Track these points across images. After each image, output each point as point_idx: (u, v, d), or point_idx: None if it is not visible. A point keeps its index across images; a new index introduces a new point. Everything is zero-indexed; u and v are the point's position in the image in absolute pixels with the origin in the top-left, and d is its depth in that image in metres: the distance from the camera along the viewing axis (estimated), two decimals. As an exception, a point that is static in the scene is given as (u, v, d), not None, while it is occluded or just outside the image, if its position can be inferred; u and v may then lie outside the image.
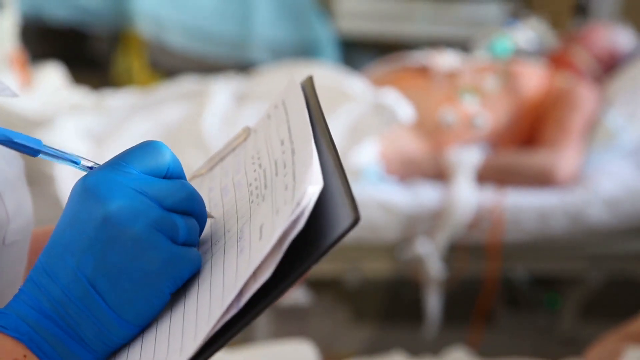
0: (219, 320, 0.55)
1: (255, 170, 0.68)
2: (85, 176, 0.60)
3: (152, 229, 0.58)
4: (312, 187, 0.56)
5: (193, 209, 0.62)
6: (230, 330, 0.56)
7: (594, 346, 1.44)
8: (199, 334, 0.56)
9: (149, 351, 0.59)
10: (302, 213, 0.55)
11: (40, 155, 0.63)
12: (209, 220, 0.68)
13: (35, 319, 0.58)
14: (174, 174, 0.63)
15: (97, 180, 0.59)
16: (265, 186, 0.64)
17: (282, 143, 0.66)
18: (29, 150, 0.63)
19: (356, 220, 0.54)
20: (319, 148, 0.61)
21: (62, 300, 0.58)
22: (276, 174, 0.63)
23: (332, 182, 0.58)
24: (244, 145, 0.74)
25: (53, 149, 0.64)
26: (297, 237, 0.56)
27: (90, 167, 0.64)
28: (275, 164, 0.65)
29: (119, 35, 3.58)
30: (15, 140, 0.62)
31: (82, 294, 0.58)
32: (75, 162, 0.64)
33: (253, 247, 0.59)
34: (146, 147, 0.62)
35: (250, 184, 0.67)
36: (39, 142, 0.63)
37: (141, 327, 0.60)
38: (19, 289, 0.60)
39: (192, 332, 0.57)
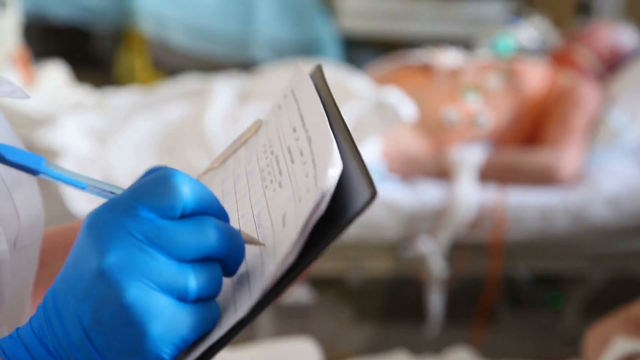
0: (246, 311, 0.55)
1: (267, 158, 0.68)
2: (92, 213, 0.54)
3: (150, 290, 0.53)
4: (333, 170, 0.56)
5: (214, 253, 0.55)
6: (250, 315, 0.55)
7: (595, 328, 1.44)
8: (225, 323, 0.55)
9: None
10: (323, 197, 0.54)
11: (41, 176, 0.57)
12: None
13: (40, 354, 0.56)
14: (195, 210, 0.55)
15: (101, 223, 0.54)
16: (280, 172, 0.64)
17: (295, 130, 0.66)
18: (28, 170, 0.57)
19: (373, 195, 0.54)
20: (334, 133, 0.61)
21: (63, 342, 0.55)
22: (292, 161, 0.63)
23: (348, 163, 0.58)
24: (255, 137, 0.75)
25: (57, 172, 0.58)
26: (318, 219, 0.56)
27: (102, 190, 0.59)
28: (289, 150, 0.65)
29: (121, 33, 3.58)
30: (9, 158, 0.56)
31: (79, 343, 0.54)
32: (81, 187, 0.59)
33: (277, 235, 0.58)
34: (160, 182, 0.54)
35: (262, 170, 0.67)
36: (40, 160, 0.57)
37: None
38: (35, 313, 0.57)
39: (218, 324, 0.56)
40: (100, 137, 2.32)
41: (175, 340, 0.54)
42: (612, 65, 2.69)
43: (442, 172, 2.36)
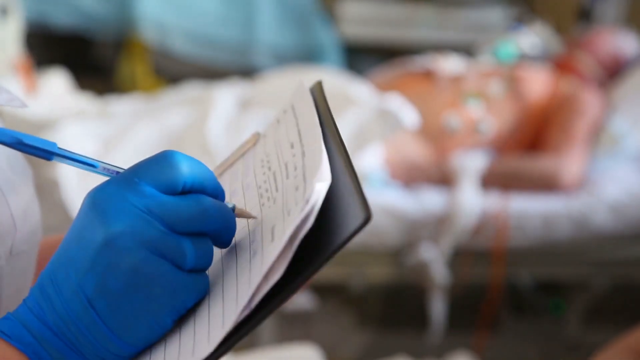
0: (232, 323, 0.55)
1: (264, 173, 0.68)
2: (95, 189, 0.58)
3: (155, 256, 0.56)
4: (320, 184, 0.56)
5: (208, 228, 0.59)
6: (240, 330, 0.56)
7: (598, 356, 1.43)
8: (213, 338, 0.55)
9: (159, 355, 0.58)
10: (311, 210, 0.55)
11: (55, 159, 0.60)
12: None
13: (39, 330, 0.57)
14: (193, 187, 0.59)
15: (105, 197, 0.57)
16: (277, 189, 0.64)
17: (292, 146, 0.66)
18: (42, 153, 0.59)
19: (367, 218, 0.53)
20: (328, 149, 0.61)
21: (63, 315, 0.57)
22: (287, 177, 0.64)
23: (342, 182, 0.58)
24: (253, 150, 0.75)
25: (69, 151, 0.61)
26: (310, 237, 0.56)
27: (110, 171, 0.61)
28: (286, 167, 0.65)
29: (123, 41, 3.59)
30: (27, 142, 0.59)
31: (81, 313, 0.57)
32: (92, 166, 0.61)
33: (265, 249, 0.58)
34: (161, 161, 0.58)
35: (260, 187, 0.67)
36: (53, 144, 0.60)
37: (142, 348, 0.59)
38: (29, 291, 0.59)
39: (205, 336, 0.56)
40: (102, 144, 2.32)
41: (177, 305, 0.58)
42: (613, 72, 2.69)
43: (444, 179, 2.36)
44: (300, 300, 2.33)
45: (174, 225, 0.57)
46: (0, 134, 0.59)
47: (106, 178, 0.61)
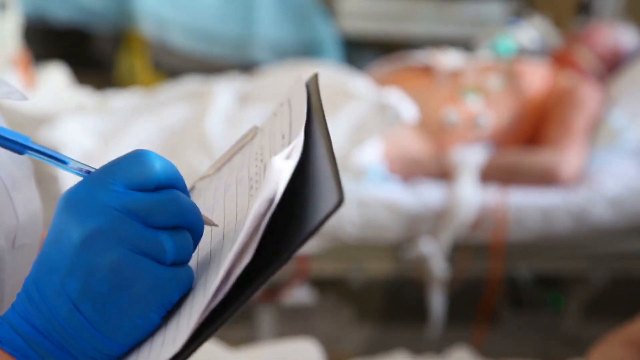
0: (207, 307, 0.55)
1: (257, 166, 0.68)
2: (68, 191, 0.58)
3: (134, 253, 0.56)
4: (281, 163, 0.56)
5: (185, 222, 0.59)
6: (220, 317, 0.56)
7: (596, 348, 1.43)
8: (191, 322, 0.56)
9: (145, 348, 0.59)
10: (274, 189, 0.55)
11: (27, 153, 0.60)
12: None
13: (29, 333, 0.57)
14: (166, 184, 0.59)
15: (79, 198, 0.57)
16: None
17: (283, 137, 0.66)
18: (16, 146, 0.60)
19: (340, 201, 0.53)
20: (312, 135, 0.61)
21: (50, 319, 0.57)
22: None
23: (320, 168, 0.58)
24: (251, 144, 0.75)
25: (41, 146, 0.61)
26: (286, 222, 0.56)
27: (81, 170, 0.61)
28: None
29: (121, 35, 3.58)
30: (1, 134, 0.59)
31: (67, 316, 0.57)
32: (63, 162, 0.61)
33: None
34: (133, 159, 0.58)
35: (251, 179, 0.67)
36: (27, 138, 0.60)
37: (131, 346, 0.59)
38: (17, 296, 0.59)
39: (186, 321, 0.56)
40: (101, 139, 2.32)
41: (162, 301, 0.57)
42: (612, 65, 2.69)
43: (443, 173, 2.36)
44: (300, 294, 2.34)
45: (150, 220, 0.57)
46: None
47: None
